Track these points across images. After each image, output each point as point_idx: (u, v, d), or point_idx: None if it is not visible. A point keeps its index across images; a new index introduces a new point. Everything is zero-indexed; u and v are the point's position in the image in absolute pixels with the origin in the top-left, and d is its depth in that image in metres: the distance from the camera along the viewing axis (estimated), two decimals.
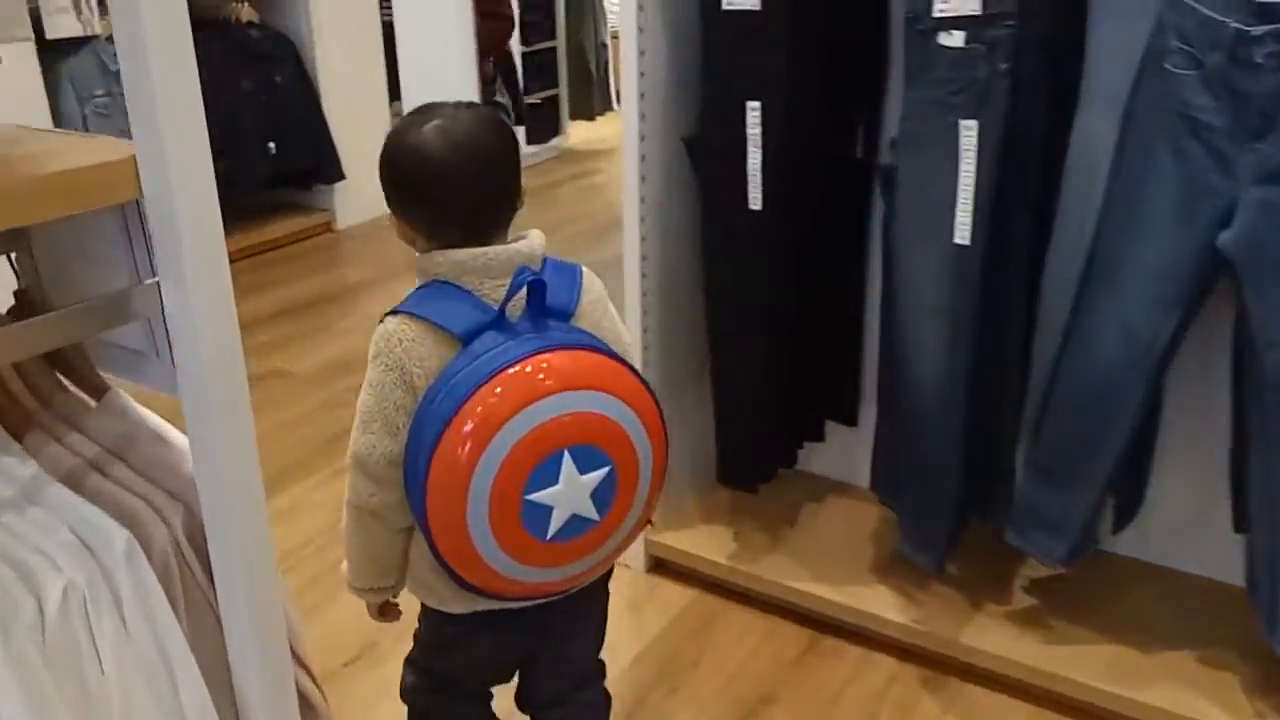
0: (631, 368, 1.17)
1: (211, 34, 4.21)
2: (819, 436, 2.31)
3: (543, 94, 5.97)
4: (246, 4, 4.26)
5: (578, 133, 6.39)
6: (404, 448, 1.13)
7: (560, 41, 6.04)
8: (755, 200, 1.90)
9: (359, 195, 4.64)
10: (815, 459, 2.36)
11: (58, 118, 3.69)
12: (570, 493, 1.09)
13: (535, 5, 5.81)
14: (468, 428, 1.05)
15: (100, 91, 3.79)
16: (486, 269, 1.15)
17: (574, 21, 6.06)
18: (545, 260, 1.20)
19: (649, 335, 2.12)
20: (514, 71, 5.57)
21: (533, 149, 5.90)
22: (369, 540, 1.21)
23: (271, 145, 4.38)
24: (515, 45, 5.62)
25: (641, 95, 1.97)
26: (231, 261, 0.98)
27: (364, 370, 1.16)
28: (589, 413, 1.09)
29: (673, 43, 1.99)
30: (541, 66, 5.93)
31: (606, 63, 6.24)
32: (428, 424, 1.09)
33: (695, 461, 2.25)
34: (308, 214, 4.77)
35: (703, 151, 2.00)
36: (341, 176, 4.63)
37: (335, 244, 4.70)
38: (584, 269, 1.24)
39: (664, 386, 2.08)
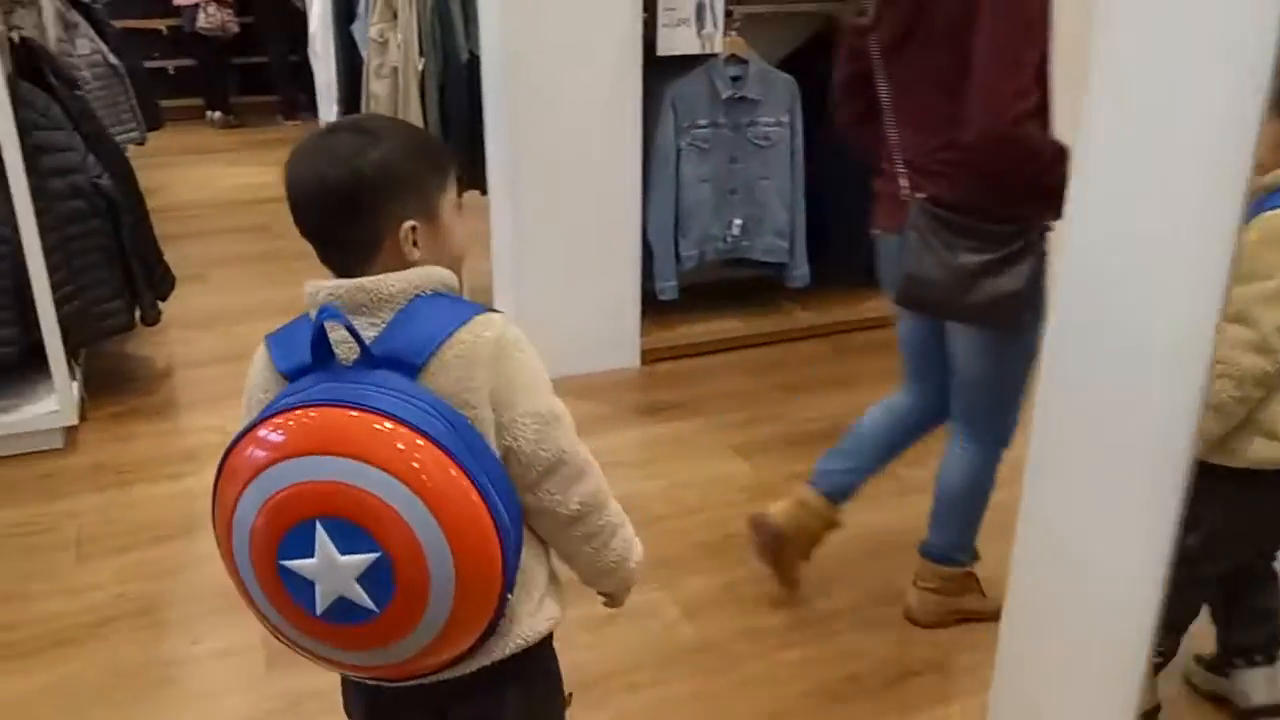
0: (449, 448, 0.97)
1: None
2: None
3: None
4: None
5: None
6: None
7: None
8: None
9: None
10: None
11: (649, 145, 3.13)
12: (329, 570, 0.98)
13: None
14: (226, 477, 1.01)
15: (704, 121, 3.16)
16: (330, 302, 1.04)
17: None
18: (420, 299, 1.05)
19: None
20: None
21: None
22: None
23: None
24: None
25: None
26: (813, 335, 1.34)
27: None
28: (342, 483, 0.95)
29: None
30: None
31: None
32: None
33: None
34: None
35: None
36: None
37: None
38: (480, 317, 1.05)
39: None
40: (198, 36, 6.33)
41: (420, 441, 0.95)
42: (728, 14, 3.11)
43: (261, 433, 0.98)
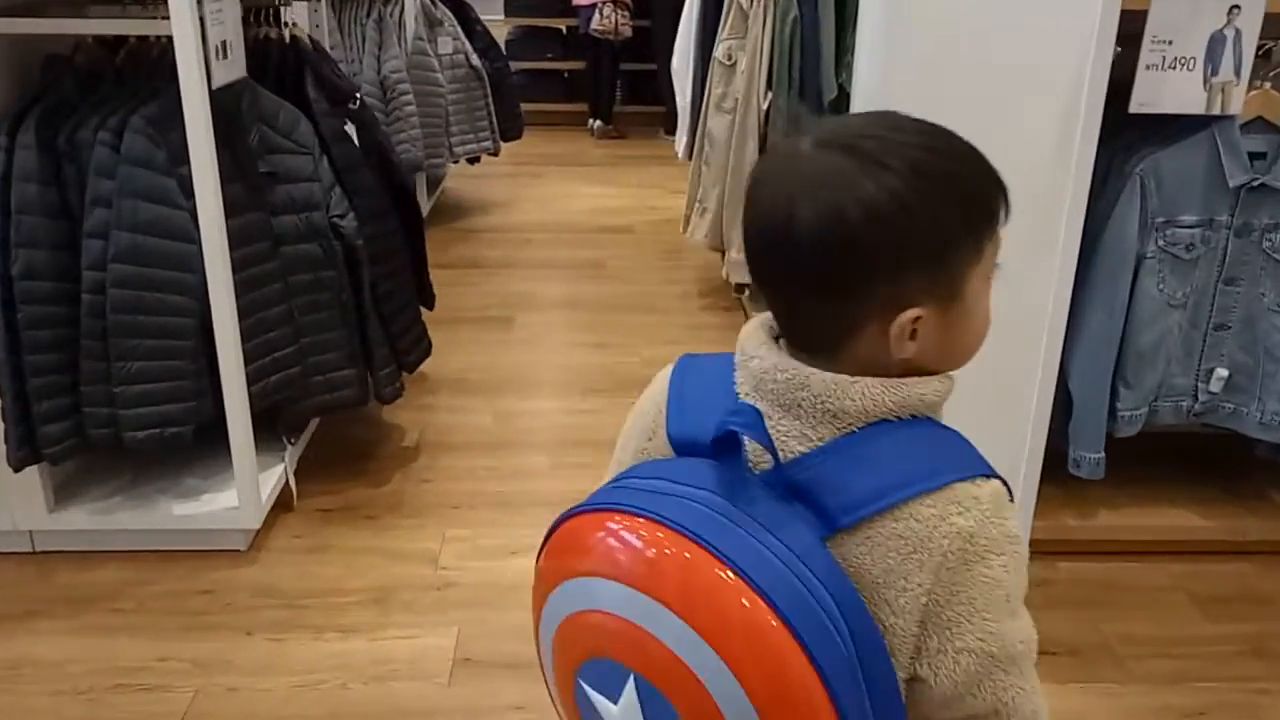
0: (831, 680, 0.69)
1: None
2: None
3: None
4: None
5: None
6: None
7: None
8: None
9: None
10: None
11: (1090, 243, 2.03)
12: None
13: None
14: (563, 545, 0.80)
15: (1192, 217, 2.00)
16: (759, 382, 0.78)
17: None
18: (885, 425, 0.76)
19: None
20: None
21: None
22: None
23: None
24: None
25: None
26: None
27: None
28: (684, 661, 0.71)
29: None
30: None
31: None
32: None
33: None
34: None
35: None
36: None
37: None
38: (963, 485, 0.75)
39: None
40: (590, 38, 5.92)
41: (797, 661, 0.68)
42: (1261, 53, 1.92)
43: (617, 524, 0.74)
